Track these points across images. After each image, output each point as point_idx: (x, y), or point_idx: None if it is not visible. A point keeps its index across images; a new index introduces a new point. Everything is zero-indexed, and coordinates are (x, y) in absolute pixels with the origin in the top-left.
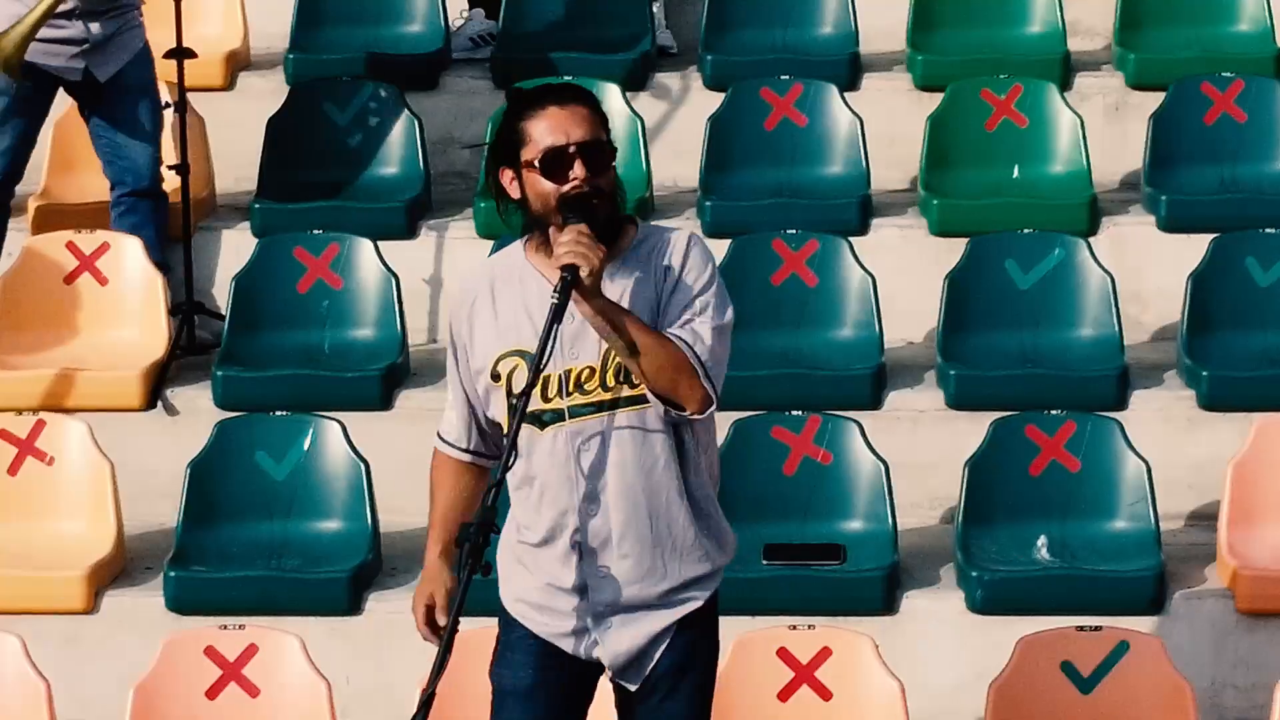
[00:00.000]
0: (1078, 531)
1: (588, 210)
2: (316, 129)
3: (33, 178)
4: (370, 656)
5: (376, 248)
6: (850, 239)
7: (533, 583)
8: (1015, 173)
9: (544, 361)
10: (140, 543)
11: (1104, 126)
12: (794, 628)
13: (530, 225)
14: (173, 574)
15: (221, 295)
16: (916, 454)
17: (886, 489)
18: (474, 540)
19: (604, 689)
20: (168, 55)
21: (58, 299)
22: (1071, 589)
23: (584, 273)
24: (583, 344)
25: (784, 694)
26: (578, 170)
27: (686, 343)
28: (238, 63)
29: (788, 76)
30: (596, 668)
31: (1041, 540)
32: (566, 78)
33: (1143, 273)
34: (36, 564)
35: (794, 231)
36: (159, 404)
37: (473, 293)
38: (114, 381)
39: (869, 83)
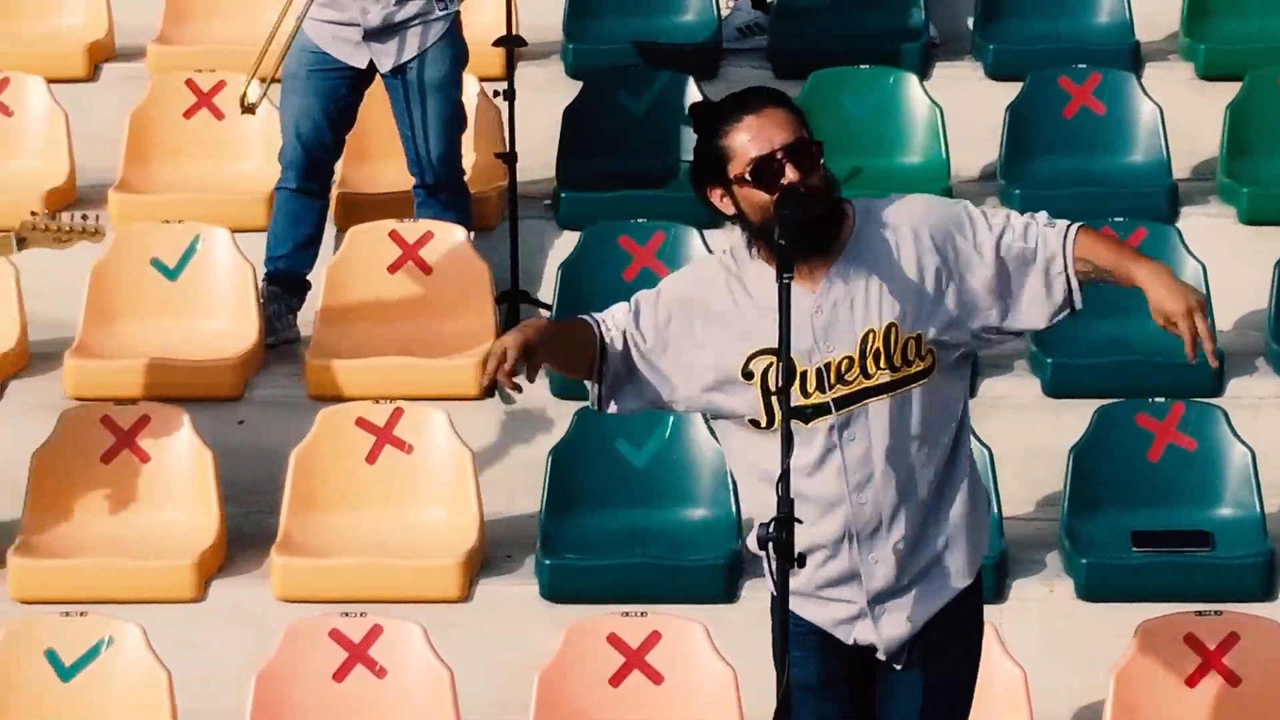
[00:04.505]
0: None
1: (804, 207)
2: (612, 118)
3: None
4: (744, 645)
5: (702, 235)
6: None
7: (801, 573)
8: None
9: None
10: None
11: None
12: (1200, 614)
13: (753, 239)
14: (546, 562)
15: (527, 283)
16: (1269, 440)
17: (1253, 475)
18: (778, 538)
19: None
20: (497, 43)
21: (381, 288)
22: None
23: None
24: (836, 335)
25: (1191, 680)
26: (790, 174)
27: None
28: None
29: (1084, 65)
30: (869, 652)
31: None
32: (864, 66)
33: None
34: (401, 552)
35: (1121, 219)
36: (495, 393)
37: (708, 289)
38: (450, 371)
39: (1147, 72)
